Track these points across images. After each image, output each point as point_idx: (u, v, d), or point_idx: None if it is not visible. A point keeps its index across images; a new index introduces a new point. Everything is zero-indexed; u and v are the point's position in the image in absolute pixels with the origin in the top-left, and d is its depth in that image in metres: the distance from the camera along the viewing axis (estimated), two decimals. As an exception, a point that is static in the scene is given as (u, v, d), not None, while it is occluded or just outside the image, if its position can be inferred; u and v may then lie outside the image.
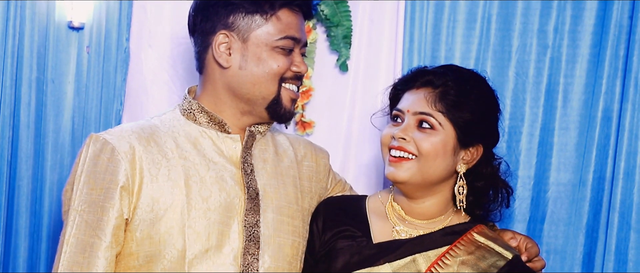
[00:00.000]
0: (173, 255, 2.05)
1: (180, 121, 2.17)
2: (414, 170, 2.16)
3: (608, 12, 2.82)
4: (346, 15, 2.81)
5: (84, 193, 2.05)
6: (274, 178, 2.20)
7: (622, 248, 2.78)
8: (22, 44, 2.72)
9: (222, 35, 2.12)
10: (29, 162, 2.74)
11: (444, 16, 2.86)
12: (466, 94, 2.17)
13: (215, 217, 2.08)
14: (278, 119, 2.18)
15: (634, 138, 2.80)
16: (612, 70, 2.82)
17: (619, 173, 2.79)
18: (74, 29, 2.78)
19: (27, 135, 2.73)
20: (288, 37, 2.13)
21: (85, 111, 2.80)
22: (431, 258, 2.15)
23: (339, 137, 2.87)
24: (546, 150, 2.85)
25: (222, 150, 2.16)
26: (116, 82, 2.80)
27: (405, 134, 2.17)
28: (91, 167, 2.06)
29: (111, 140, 2.07)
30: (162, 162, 2.09)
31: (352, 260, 2.16)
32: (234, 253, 2.08)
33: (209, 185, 2.10)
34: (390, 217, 2.25)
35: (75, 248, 2.02)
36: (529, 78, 2.85)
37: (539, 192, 2.85)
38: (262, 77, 2.12)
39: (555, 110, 2.85)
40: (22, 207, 2.74)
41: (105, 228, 2.02)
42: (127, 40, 2.80)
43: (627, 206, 2.79)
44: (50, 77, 2.77)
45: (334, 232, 2.22)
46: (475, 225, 2.21)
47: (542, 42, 2.84)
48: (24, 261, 2.75)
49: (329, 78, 2.87)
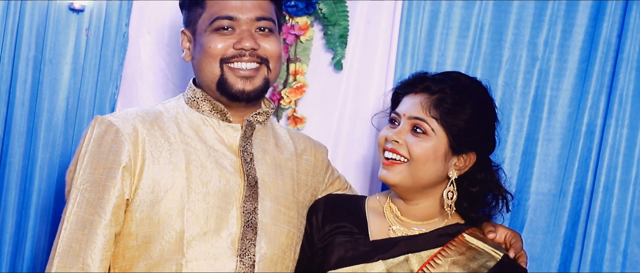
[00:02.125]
0: (171, 236, 2.08)
1: (184, 109, 2.22)
2: (405, 173, 2.20)
3: (598, 29, 2.83)
4: (344, 15, 2.82)
5: (86, 172, 2.08)
6: (272, 169, 2.23)
7: (597, 260, 2.81)
8: (22, 22, 2.73)
9: (182, 34, 2.24)
10: (21, 140, 2.75)
11: (439, 22, 2.87)
12: (462, 103, 2.20)
13: (214, 202, 2.12)
14: (233, 98, 2.18)
15: (616, 153, 2.81)
16: (598, 85, 2.83)
17: (599, 186, 2.81)
18: (75, 11, 2.78)
19: (22, 112, 2.74)
20: (219, 17, 2.15)
21: (81, 92, 2.80)
22: (423, 259, 2.19)
23: (329, 134, 2.88)
24: (529, 160, 2.87)
25: (223, 138, 2.20)
26: (113, 65, 2.81)
27: (399, 137, 2.21)
28: (95, 147, 2.10)
29: (116, 122, 2.11)
30: (165, 145, 2.13)
31: (346, 255, 2.20)
32: (232, 238, 2.11)
33: (209, 170, 2.13)
34: (387, 217, 2.29)
35: (75, 225, 2.05)
36: (517, 88, 2.86)
37: (520, 200, 2.86)
38: (204, 62, 2.17)
39: (541, 121, 2.87)
40: (12, 183, 2.75)
41: (106, 207, 2.06)
42: (127, 26, 2.81)
43: (605, 219, 2.81)
44: (48, 57, 2.78)
45: (333, 226, 2.26)
46: (468, 228, 2.25)
47: (532, 54, 2.87)
48: (10, 236, 2.75)
49: (323, 76, 2.89)
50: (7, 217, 2.75)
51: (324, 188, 2.41)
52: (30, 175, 2.77)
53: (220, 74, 2.16)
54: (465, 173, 2.25)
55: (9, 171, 2.74)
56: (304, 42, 2.83)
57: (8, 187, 2.74)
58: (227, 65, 2.16)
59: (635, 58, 2.81)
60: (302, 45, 2.84)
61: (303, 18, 2.81)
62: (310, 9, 2.80)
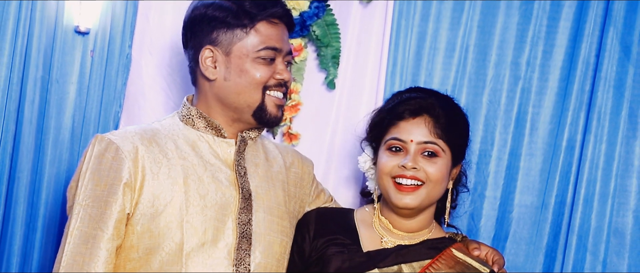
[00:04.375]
0: (171, 247, 2.11)
1: (180, 126, 2.25)
2: (423, 195, 2.25)
3: (577, 49, 2.87)
4: (336, 36, 2.87)
5: (88, 188, 2.11)
6: (264, 181, 2.27)
7: (578, 269, 2.83)
8: (31, 44, 2.74)
9: (207, 50, 2.20)
10: (29, 156, 2.75)
11: (426, 44, 2.90)
12: (455, 118, 2.29)
13: (211, 214, 2.15)
14: (265, 124, 2.25)
15: (595, 167, 2.85)
16: (578, 103, 2.87)
17: (579, 199, 2.84)
18: (80, 34, 2.81)
19: (30, 130, 2.75)
20: (267, 47, 2.19)
21: (86, 111, 2.82)
22: (415, 269, 2.24)
23: (322, 150, 2.92)
24: (513, 174, 2.90)
25: (217, 153, 2.23)
26: (117, 85, 2.83)
27: (415, 163, 2.24)
28: (96, 164, 2.13)
29: (115, 140, 2.14)
30: (163, 161, 2.15)
31: (343, 265, 2.24)
32: (228, 248, 2.15)
33: (206, 184, 2.16)
34: (376, 229, 2.33)
35: (78, 239, 2.08)
36: (501, 106, 2.90)
37: (504, 212, 2.90)
38: (245, 87, 2.19)
39: (523, 137, 2.90)
40: (21, 198, 2.75)
41: (108, 222, 2.08)
42: (130, 47, 2.84)
43: (585, 230, 2.84)
44: (55, 77, 2.80)
45: (326, 239, 2.30)
46: (453, 243, 2.31)
47: (515, 73, 2.90)
48: (18, 248, 2.75)
49: (316, 94, 2.92)
50: (16, 229, 2.75)
51: (311, 201, 2.45)
52: (38, 190, 2.78)
53: (261, 100, 2.20)
54: None
55: (17, 185, 2.75)
56: (298, 63, 2.88)
57: (17, 201, 2.75)
58: (268, 93, 2.21)
59: (612, 77, 2.84)
60: (297, 66, 2.88)
61: (297, 40, 2.85)
62: (304, 31, 2.85)
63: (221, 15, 2.19)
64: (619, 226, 2.86)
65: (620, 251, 2.86)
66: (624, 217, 2.87)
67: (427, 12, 2.91)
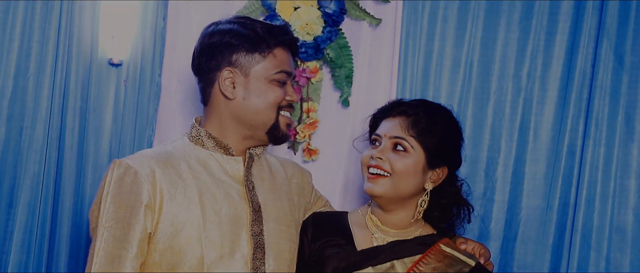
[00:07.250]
0: (193, 262, 2.18)
1: (190, 146, 2.31)
2: (388, 186, 2.35)
3: (573, 60, 2.92)
4: (348, 58, 2.95)
5: (110, 211, 2.16)
6: (271, 193, 2.35)
7: (583, 266, 2.89)
8: (69, 77, 2.83)
9: (227, 71, 2.27)
10: (71, 180, 2.84)
11: (433, 61, 2.97)
12: (434, 122, 2.37)
13: (227, 228, 2.22)
14: (276, 141, 2.34)
15: (595, 170, 2.90)
16: (577, 110, 2.92)
17: (582, 200, 2.89)
18: (114, 65, 2.90)
19: (71, 156, 2.84)
20: (283, 71, 2.30)
21: (122, 136, 2.90)
22: (407, 264, 2.34)
23: (340, 163, 2.99)
24: (519, 179, 2.96)
25: (227, 170, 2.30)
26: (149, 111, 2.91)
27: (382, 154, 2.37)
28: (116, 188, 2.18)
29: (133, 164, 2.20)
30: (179, 182, 2.21)
31: (340, 265, 2.34)
32: (245, 258, 2.23)
33: (219, 200, 2.23)
34: (369, 227, 2.44)
35: (104, 259, 2.13)
36: (505, 116, 2.96)
37: (512, 214, 2.95)
38: (263, 107, 2.28)
39: (527, 144, 2.95)
40: (65, 218, 2.84)
41: (132, 241, 2.14)
42: (159, 76, 2.93)
43: (588, 229, 2.89)
44: (92, 107, 2.89)
45: (322, 241, 2.40)
46: (441, 238, 2.40)
47: (517, 85, 2.96)
48: (64, 265, 2.85)
49: (332, 112, 2.99)
50: (61, 247, 2.84)
51: (311, 207, 2.54)
52: (80, 211, 2.87)
53: (275, 119, 2.29)
54: (438, 186, 2.41)
55: (61, 208, 2.83)
56: (314, 84, 2.96)
57: (61, 222, 2.83)
58: (280, 112, 2.31)
59: (608, 85, 2.90)
60: (313, 86, 2.97)
61: (313, 62, 2.94)
62: (319, 54, 2.93)
63: (240, 40, 2.28)
64: (620, 224, 2.91)
65: (622, 247, 2.91)
66: (624, 216, 2.92)
67: (433, 31, 2.98)
